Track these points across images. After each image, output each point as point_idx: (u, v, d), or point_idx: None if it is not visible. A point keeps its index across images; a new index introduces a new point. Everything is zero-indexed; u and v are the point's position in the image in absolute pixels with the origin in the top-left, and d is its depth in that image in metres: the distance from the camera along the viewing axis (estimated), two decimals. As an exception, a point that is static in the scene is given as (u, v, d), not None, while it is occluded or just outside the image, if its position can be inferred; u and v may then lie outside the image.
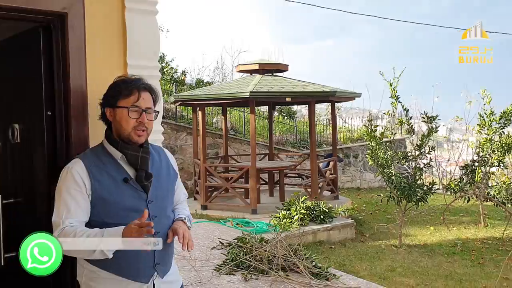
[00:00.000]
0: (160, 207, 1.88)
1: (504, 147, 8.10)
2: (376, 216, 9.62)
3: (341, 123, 16.68)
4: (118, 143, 1.82)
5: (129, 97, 1.79)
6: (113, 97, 1.82)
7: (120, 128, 1.81)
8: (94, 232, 1.67)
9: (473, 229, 8.58)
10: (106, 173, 1.79)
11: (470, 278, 5.82)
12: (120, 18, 2.23)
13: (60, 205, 1.73)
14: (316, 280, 4.46)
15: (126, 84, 1.83)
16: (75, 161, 1.79)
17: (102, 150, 1.85)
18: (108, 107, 1.84)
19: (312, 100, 8.76)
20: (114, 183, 1.78)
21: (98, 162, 1.80)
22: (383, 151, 7.69)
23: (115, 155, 1.83)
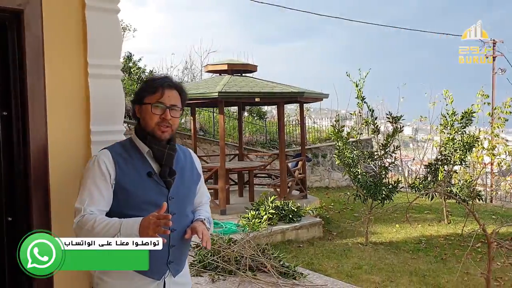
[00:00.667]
0: (180, 205, 1.91)
1: (465, 146, 8.36)
2: (343, 214, 9.76)
3: (310, 124, 16.85)
4: (147, 138, 1.87)
5: (154, 94, 1.86)
6: (140, 95, 1.90)
7: (145, 124, 1.88)
8: (113, 221, 1.69)
9: (437, 226, 8.82)
10: (132, 165, 1.84)
11: (433, 273, 5.98)
12: (80, 16, 2.18)
13: (83, 193, 1.78)
14: (284, 279, 4.49)
15: (152, 82, 1.91)
16: (103, 152, 1.85)
17: (130, 143, 1.91)
18: (136, 104, 1.91)
19: (281, 101, 8.81)
20: (138, 176, 1.82)
21: (125, 154, 1.85)
22: (349, 151, 7.82)
23: (142, 149, 1.88)
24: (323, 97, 9.86)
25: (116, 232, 1.65)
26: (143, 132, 1.88)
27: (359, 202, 8.23)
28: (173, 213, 1.80)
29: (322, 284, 4.48)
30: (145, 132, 1.87)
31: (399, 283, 5.56)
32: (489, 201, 13.23)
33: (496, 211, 10.66)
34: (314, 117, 19.85)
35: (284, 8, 14.18)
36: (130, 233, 1.65)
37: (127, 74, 15.01)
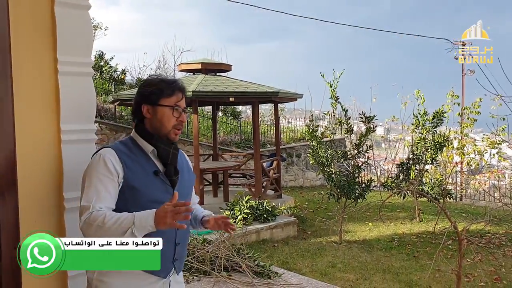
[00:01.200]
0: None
1: (436, 146, 8.54)
2: (317, 213, 9.82)
3: (285, 124, 16.92)
4: (153, 137, 1.87)
5: (171, 96, 1.87)
6: (155, 95, 1.86)
7: (160, 126, 1.87)
8: (124, 215, 1.65)
9: (409, 224, 8.97)
10: (138, 163, 1.83)
11: (406, 271, 6.08)
12: (49, 12, 2.11)
13: (89, 190, 1.73)
14: (259, 279, 4.48)
15: (168, 84, 1.89)
16: (107, 150, 1.82)
17: (132, 143, 1.90)
18: (147, 104, 1.88)
19: (255, 100, 8.81)
20: (145, 174, 1.82)
21: (129, 153, 1.84)
22: (323, 150, 7.88)
23: (146, 149, 1.88)
24: (298, 97, 9.91)
25: (130, 225, 1.60)
26: (150, 132, 1.88)
27: (333, 201, 8.30)
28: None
29: (297, 283, 4.50)
30: (156, 132, 1.87)
31: (372, 281, 5.62)
32: (459, 200, 13.57)
33: (466, 209, 10.93)
34: (289, 117, 19.95)
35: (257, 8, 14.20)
36: (145, 225, 1.61)
37: (98, 73, 14.76)
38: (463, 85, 16.56)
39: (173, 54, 17.50)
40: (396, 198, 10.14)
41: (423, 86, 61.66)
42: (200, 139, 12.59)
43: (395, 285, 5.49)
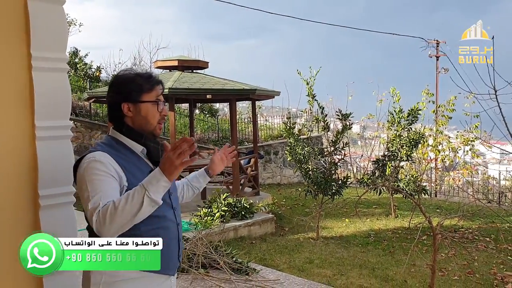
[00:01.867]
0: (176, 198, 1.97)
1: (411, 143, 8.68)
2: (295, 210, 9.89)
3: (262, 121, 16.95)
4: (143, 136, 1.80)
5: (152, 91, 1.81)
6: (135, 92, 1.79)
7: (145, 123, 1.80)
8: (130, 191, 1.55)
9: (385, 220, 9.11)
10: (134, 165, 1.76)
11: (382, 266, 6.17)
12: (23, 6, 2.07)
13: (95, 194, 1.59)
14: (237, 275, 4.49)
15: (146, 78, 1.82)
16: (100, 153, 1.69)
17: (117, 144, 1.80)
18: (128, 102, 1.79)
19: (232, 98, 8.80)
20: (142, 175, 1.68)
21: (122, 155, 1.75)
22: (301, 147, 7.93)
23: (135, 149, 1.81)
24: (275, 94, 9.94)
25: (143, 193, 1.51)
26: (138, 131, 1.80)
27: (310, 198, 8.37)
28: (175, 208, 1.90)
29: (275, 279, 4.52)
30: (142, 131, 1.80)
31: (349, 276, 5.69)
32: (433, 196, 13.85)
33: (440, 205, 11.16)
34: (266, 114, 20.00)
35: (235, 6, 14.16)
36: (158, 183, 1.52)
37: (73, 70, 14.49)
38: (437, 83, 16.92)
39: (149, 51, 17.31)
40: (372, 195, 10.29)
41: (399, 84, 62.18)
42: (177, 137, 12.50)
43: (371, 280, 5.57)
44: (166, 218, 1.79)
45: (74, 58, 15.39)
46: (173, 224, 1.85)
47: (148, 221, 1.65)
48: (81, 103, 11.49)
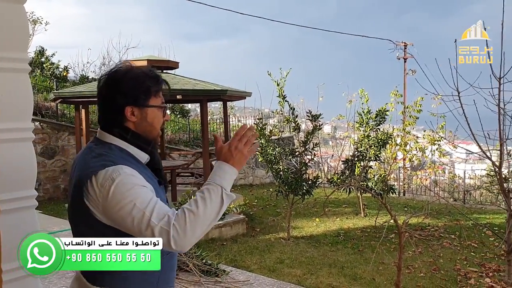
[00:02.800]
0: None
1: (379, 143, 8.84)
2: (267, 210, 9.92)
3: (235, 122, 16.95)
4: (150, 143, 1.61)
5: (158, 94, 1.60)
6: (144, 95, 1.57)
7: (150, 130, 1.60)
8: (203, 192, 1.42)
9: (354, 219, 9.25)
10: (147, 176, 1.55)
11: (351, 264, 6.26)
12: (-21, 4, 2.01)
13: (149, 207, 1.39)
14: (206, 277, 4.47)
15: (154, 80, 1.60)
16: (121, 167, 1.45)
17: (122, 153, 1.56)
18: (133, 105, 1.56)
19: (203, 99, 8.75)
20: (156, 186, 1.58)
21: (134, 166, 1.52)
22: (272, 148, 7.96)
23: (141, 158, 1.60)
24: (246, 95, 9.94)
25: (220, 191, 1.40)
26: (144, 138, 1.59)
27: (282, 198, 8.42)
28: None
29: (245, 280, 4.53)
30: (148, 138, 1.60)
31: (319, 275, 5.75)
32: (402, 195, 14.14)
33: (408, 204, 11.41)
34: (239, 115, 20.00)
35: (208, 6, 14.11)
36: (229, 176, 1.43)
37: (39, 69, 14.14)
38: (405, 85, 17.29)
39: (118, 51, 17.02)
40: (341, 194, 10.43)
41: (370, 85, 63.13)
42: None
43: (340, 278, 5.64)
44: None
45: (41, 57, 15.02)
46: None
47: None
48: (47, 104, 11.22)
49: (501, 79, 5.60)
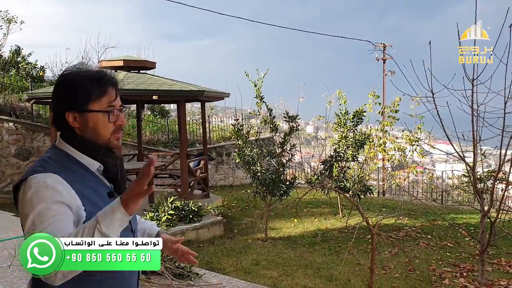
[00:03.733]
0: (135, 220, 1.69)
1: (357, 143, 8.86)
2: (245, 212, 9.87)
3: (217, 122, 16.85)
4: (99, 151, 1.50)
5: (102, 97, 1.49)
6: (82, 99, 1.47)
7: (96, 136, 1.50)
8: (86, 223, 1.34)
9: (332, 219, 9.25)
10: (90, 188, 1.48)
11: (327, 265, 6.25)
12: None
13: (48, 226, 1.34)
14: (179, 281, 4.40)
15: (95, 81, 1.48)
16: (48, 175, 1.39)
17: (68, 160, 1.49)
18: (73, 111, 1.47)
19: (180, 99, 8.65)
20: (101, 199, 1.48)
21: (75, 175, 1.45)
22: (249, 149, 7.92)
23: (91, 166, 1.52)
24: (225, 96, 9.87)
25: (94, 225, 1.31)
26: (92, 145, 1.50)
27: (260, 199, 8.37)
28: (134, 230, 1.65)
29: (217, 283, 4.47)
30: (95, 145, 1.50)
31: (295, 277, 5.72)
32: (381, 195, 14.23)
33: (387, 204, 11.47)
34: (221, 115, 19.92)
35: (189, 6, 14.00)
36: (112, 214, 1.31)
37: (14, 69, 13.84)
38: (384, 86, 17.41)
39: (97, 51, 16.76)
40: (321, 195, 10.43)
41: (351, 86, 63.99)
42: (125, 139, 12.21)
43: (315, 280, 5.62)
44: None
45: (16, 57, 14.72)
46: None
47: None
48: (22, 104, 10.98)
49: (474, 81, 5.65)
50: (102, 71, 1.54)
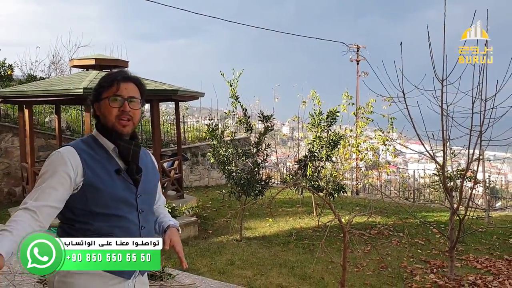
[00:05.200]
0: (147, 202, 1.94)
1: (331, 144, 8.94)
2: (220, 212, 9.83)
3: (194, 123, 16.75)
4: (112, 134, 1.85)
5: (110, 88, 1.85)
6: (97, 91, 1.88)
7: (105, 120, 1.86)
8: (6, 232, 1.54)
9: (307, 218, 9.30)
10: (99, 162, 1.81)
11: (301, 264, 6.28)
12: None
13: (39, 187, 1.71)
14: (151, 281, 4.34)
15: (107, 77, 1.91)
16: (67, 148, 1.80)
17: (93, 141, 1.87)
18: (95, 102, 1.89)
19: (154, 99, 8.56)
20: (107, 173, 1.80)
21: (90, 151, 1.82)
22: (224, 149, 7.90)
23: (107, 146, 1.86)
24: (199, 95, 9.82)
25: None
26: (106, 128, 1.87)
27: (235, 200, 8.36)
28: (142, 210, 1.88)
29: (190, 283, 4.44)
30: (108, 128, 1.86)
31: (269, 276, 5.73)
32: (355, 194, 14.39)
33: (360, 203, 11.60)
34: (197, 116, 19.82)
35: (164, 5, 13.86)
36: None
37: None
38: (357, 87, 17.64)
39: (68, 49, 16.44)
40: (295, 194, 10.49)
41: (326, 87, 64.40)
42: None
43: (290, 278, 5.65)
44: (126, 219, 1.81)
45: (-17, 55, 14.30)
46: (135, 227, 1.85)
47: (103, 218, 1.77)
48: (-11, 104, 10.69)
49: (443, 81, 5.79)
50: (118, 70, 1.96)
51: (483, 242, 7.66)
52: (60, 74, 16.97)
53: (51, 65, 15.91)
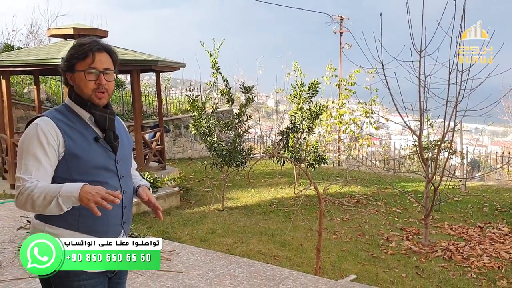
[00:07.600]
0: (125, 168, 1.98)
1: (312, 115, 9.01)
2: (203, 183, 9.90)
3: (177, 95, 16.64)
4: (87, 104, 1.85)
5: (84, 60, 1.83)
6: (70, 62, 1.85)
7: (80, 91, 1.85)
8: (53, 185, 1.65)
9: (288, 188, 9.44)
10: (77, 131, 1.82)
11: (281, 232, 6.42)
12: None
13: (27, 162, 1.72)
14: (132, 249, 4.43)
15: (80, 47, 1.85)
16: (44, 119, 1.78)
17: (68, 110, 1.86)
18: (67, 71, 1.87)
19: (133, 69, 8.47)
20: (86, 142, 1.82)
21: (67, 121, 1.82)
22: (205, 121, 7.91)
23: (83, 116, 1.86)
24: (180, 66, 9.75)
25: (56, 194, 1.60)
26: (81, 98, 1.87)
27: (218, 170, 8.42)
28: (122, 176, 1.93)
29: (171, 250, 4.53)
30: (83, 99, 1.86)
31: (249, 243, 5.86)
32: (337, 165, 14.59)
33: (341, 174, 11.77)
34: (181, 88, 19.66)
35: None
36: (70, 195, 1.60)
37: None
38: (341, 58, 17.63)
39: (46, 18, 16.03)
40: (277, 166, 10.60)
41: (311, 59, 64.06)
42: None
43: (269, 245, 5.78)
44: (108, 184, 1.81)
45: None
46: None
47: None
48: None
49: (421, 52, 5.84)
50: (91, 40, 1.87)
51: (458, 211, 7.89)
52: (38, 44, 16.60)
53: (29, 34, 15.54)
